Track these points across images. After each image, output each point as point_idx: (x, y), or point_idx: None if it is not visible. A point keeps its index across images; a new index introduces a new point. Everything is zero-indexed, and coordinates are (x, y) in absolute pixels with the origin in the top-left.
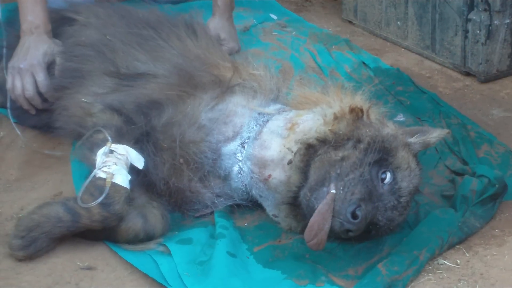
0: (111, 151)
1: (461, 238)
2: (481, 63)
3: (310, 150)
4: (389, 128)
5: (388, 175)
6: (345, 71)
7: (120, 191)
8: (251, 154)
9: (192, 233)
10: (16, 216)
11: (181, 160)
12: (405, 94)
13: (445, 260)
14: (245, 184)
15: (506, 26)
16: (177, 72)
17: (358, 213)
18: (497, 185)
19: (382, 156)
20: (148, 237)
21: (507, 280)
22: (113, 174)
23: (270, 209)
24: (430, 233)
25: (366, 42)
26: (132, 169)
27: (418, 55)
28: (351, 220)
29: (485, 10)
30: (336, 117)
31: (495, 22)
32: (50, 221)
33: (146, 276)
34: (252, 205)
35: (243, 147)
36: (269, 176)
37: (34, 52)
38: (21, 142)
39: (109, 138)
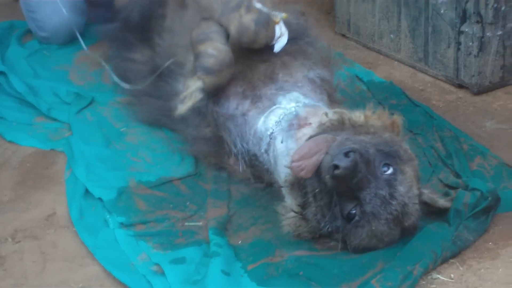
0: (278, 21)
1: (455, 252)
2: (474, 75)
3: (340, 123)
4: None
5: (391, 169)
6: (339, 85)
7: (272, 31)
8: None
9: (186, 252)
10: (10, 238)
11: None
12: (398, 108)
13: (439, 275)
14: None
15: (498, 38)
16: None
17: (351, 154)
18: (489, 198)
19: (391, 154)
20: None
21: None
22: (279, 22)
23: (283, 173)
24: (424, 248)
25: (360, 56)
26: None
27: (411, 68)
28: (342, 157)
29: (477, 22)
30: (378, 116)
31: (488, 34)
32: None
33: None
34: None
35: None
36: (310, 124)
37: None
38: (15, 162)
39: (286, 14)
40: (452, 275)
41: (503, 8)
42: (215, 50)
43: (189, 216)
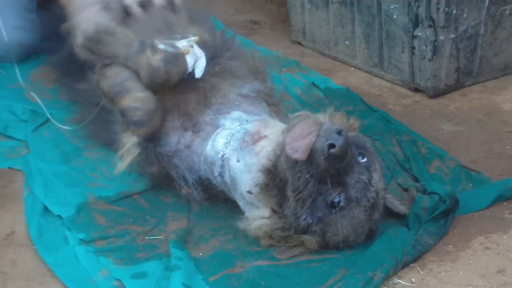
0: (192, 46)
1: (415, 256)
2: (429, 79)
3: None
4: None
5: (365, 158)
6: (295, 93)
7: (183, 64)
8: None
9: (147, 266)
10: None
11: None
12: (355, 114)
13: (399, 279)
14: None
15: (451, 41)
16: None
17: (343, 133)
18: (447, 201)
19: (361, 146)
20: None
21: None
22: (189, 52)
23: (245, 185)
24: (384, 253)
25: (316, 63)
26: None
27: (367, 74)
28: (336, 135)
29: (429, 26)
30: (338, 118)
31: (440, 37)
32: (124, 38)
33: None
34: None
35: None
36: (265, 136)
37: None
38: None
39: (197, 37)
40: (413, 279)
41: (454, 11)
42: (137, 102)
43: (149, 230)
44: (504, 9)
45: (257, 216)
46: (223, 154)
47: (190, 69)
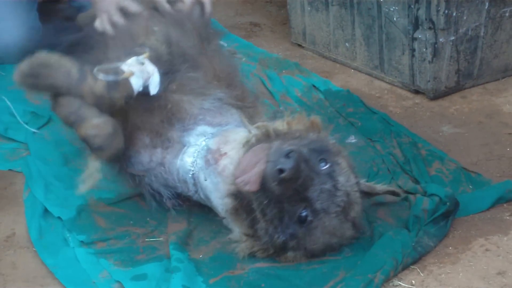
0: (142, 63)
1: (415, 258)
2: (429, 81)
3: (265, 136)
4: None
5: (328, 164)
6: (296, 95)
7: (128, 88)
8: (210, 145)
9: (147, 268)
10: None
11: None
12: (355, 116)
13: (400, 281)
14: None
15: (451, 43)
16: None
17: (292, 154)
18: (448, 203)
19: (322, 149)
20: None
21: None
22: (133, 74)
23: (217, 204)
24: (384, 255)
25: (316, 65)
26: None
27: (367, 76)
28: (284, 159)
29: (429, 28)
30: (298, 120)
31: (440, 39)
32: (61, 68)
33: None
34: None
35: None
36: (225, 153)
37: None
38: None
39: (148, 50)
40: (413, 281)
41: (454, 13)
42: (94, 128)
43: (149, 232)
44: (504, 11)
45: (237, 239)
46: (193, 173)
47: (137, 90)
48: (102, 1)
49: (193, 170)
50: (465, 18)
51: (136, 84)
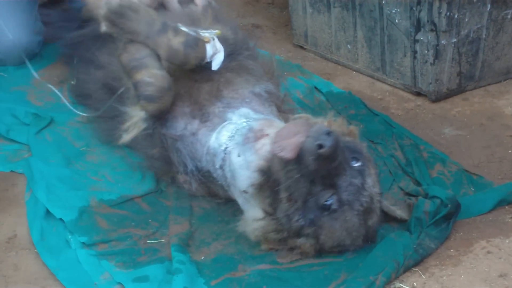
0: (213, 38)
1: (417, 260)
2: (431, 83)
3: None
4: None
5: (359, 162)
6: (297, 97)
7: (203, 51)
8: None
9: (149, 270)
10: None
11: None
12: (357, 118)
13: (401, 284)
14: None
15: (453, 45)
16: None
17: (332, 134)
18: (449, 206)
19: (356, 151)
20: None
21: None
22: (209, 42)
23: (243, 181)
24: (386, 257)
25: (318, 67)
26: None
27: (369, 77)
28: (325, 136)
29: (431, 30)
30: (338, 123)
31: (442, 41)
32: (147, 16)
33: None
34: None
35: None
36: (267, 134)
37: None
38: None
39: (219, 31)
40: (414, 284)
41: (456, 16)
42: (152, 77)
43: (151, 234)
44: (506, 13)
45: (252, 218)
46: (226, 147)
47: (208, 59)
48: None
49: (227, 145)
50: (467, 20)
51: (208, 52)
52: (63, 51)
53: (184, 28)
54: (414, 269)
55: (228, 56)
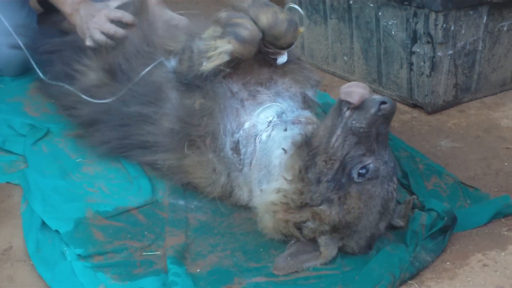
0: None
1: (413, 273)
2: (427, 95)
3: None
4: None
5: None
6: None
7: (296, 35)
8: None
9: (144, 282)
10: None
11: None
12: None
13: None
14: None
15: (449, 57)
16: None
17: (389, 100)
18: (445, 218)
19: None
20: None
21: None
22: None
23: (281, 147)
24: (382, 270)
25: None
26: None
27: None
28: (387, 99)
29: (428, 42)
30: None
31: (439, 53)
32: None
33: None
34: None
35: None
36: (316, 122)
37: (93, 9)
38: None
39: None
40: None
41: (452, 28)
42: (251, 26)
43: (147, 246)
44: (502, 25)
45: (275, 188)
46: (271, 121)
47: (293, 45)
48: (86, 21)
49: (273, 118)
50: (463, 32)
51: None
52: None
53: (295, 6)
54: (410, 282)
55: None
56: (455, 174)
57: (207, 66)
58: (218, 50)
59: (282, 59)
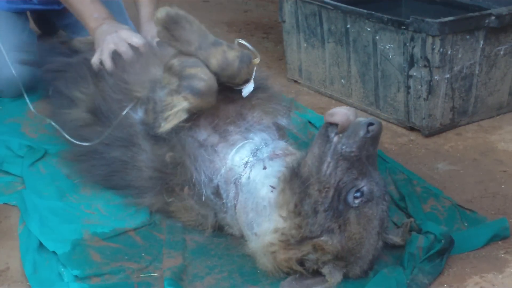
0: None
1: None
2: (424, 118)
3: None
4: None
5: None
6: (291, 131)
7: (252, 71)
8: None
9: None
10: None
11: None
12: None
13: None
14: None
15: (446, 81)
16: None
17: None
18: (443, 241)
19: None
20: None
21: None
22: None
23: (267, 185)
24: None
25: (312, 101)
26: None
27: (363, 112)
28: (373, 120)
29: (425, 66)
30: None
31: (436, 77)
32: (201, 30)
33: None
34: None
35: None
36: (294, 154)
37: (117, 26)
38: None
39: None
40: None
41: (449, 52)
42: (206, 75)
43: (144, 267)
44: (498, 49)
45: (270, 229)
46: (247, 161)
47: (252, 79)
48: (106, 34)
49: (248, 159)
50: (460, 56)
51: (253, 74)
52: (42, 77)
53: (242, 41)
54: None
55: (254, 89)
56: (452, 197)
57: (166, 126)
58: (174, 109)
59: (248, 89)
